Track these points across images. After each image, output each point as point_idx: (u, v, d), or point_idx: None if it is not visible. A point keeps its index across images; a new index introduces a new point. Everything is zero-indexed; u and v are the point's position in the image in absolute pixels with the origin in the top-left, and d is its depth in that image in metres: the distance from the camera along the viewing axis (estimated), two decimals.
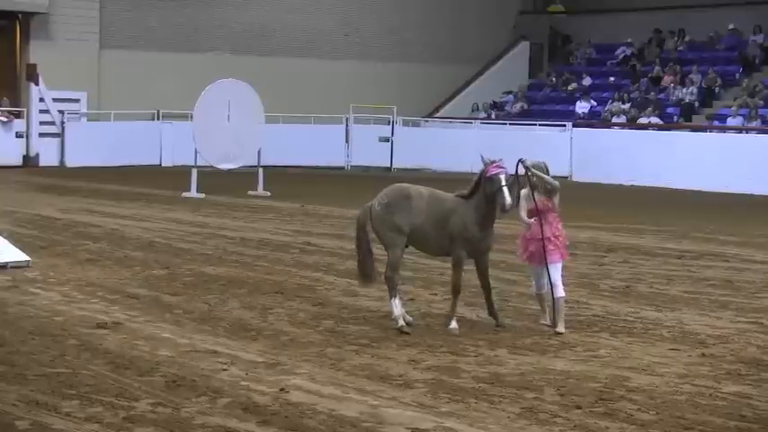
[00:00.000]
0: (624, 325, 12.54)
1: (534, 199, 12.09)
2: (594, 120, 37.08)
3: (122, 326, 11.93)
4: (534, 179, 12.11)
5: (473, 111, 40.18)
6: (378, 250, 12.61)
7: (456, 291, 12.18)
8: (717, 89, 36.49)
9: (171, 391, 9.34)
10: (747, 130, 33.51)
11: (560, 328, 12.06)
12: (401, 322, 12.02)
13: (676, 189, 31.23)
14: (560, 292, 12.20)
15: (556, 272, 12.20)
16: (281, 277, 15.31)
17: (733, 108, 34.24)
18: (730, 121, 33.99)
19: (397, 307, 12.09)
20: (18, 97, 35.29)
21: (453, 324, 11.99)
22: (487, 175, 11.90)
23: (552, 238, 12.13)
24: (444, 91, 41.18)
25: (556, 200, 12.22)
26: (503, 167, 11.95)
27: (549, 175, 12.28)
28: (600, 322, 12.68)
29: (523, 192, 12.24)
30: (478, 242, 12.09)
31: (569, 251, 13.08)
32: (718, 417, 8.95)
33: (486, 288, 12.32)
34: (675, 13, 39.72)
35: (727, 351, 11.29)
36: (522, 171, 12.13)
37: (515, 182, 12.01)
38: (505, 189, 11.75)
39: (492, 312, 12.40)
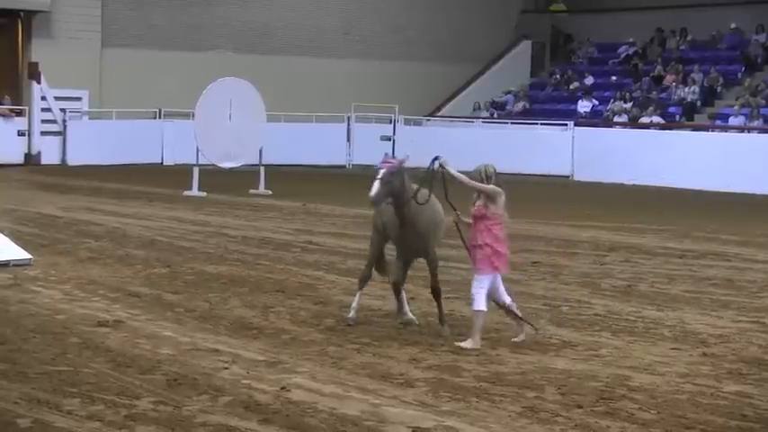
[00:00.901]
0: (625, 324, 12.54)
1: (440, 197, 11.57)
2: (596, 119, 37.09)
3: (124, 324, 11.93)
4: (446, 177, 11.43)
5: (475, 110, 40.18)
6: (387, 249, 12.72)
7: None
8: (719, 88, 36.51)
9: (172, 390, 9.34)
10: (749, 130, 33.52)
11: (467, 343, 11.15)
12: (352, 314, 12.21)
13: (678, 188, 31.24)
14: (477, 305, 11.25)
15: (476, 283, 11.32)
16: (283, 276, 15.31)
17: (735, 107, 34.25)
18: (732, 121, 33.99)
19: (355, 301, 12.31)
20: (20, 95, 35.32)
21: (446, 329, 11.82)
22: None
23: (484, 246, 11.26)
24: (446, 90, 41.19)
25: (493, 207, 11.24)
26: (390, 162, 11.55)
27: (493, 179, 11.31)
28: (601, 321, 12.68)
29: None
30: (398, 245, 11.85)
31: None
32: (720, 416, 8.94)
33: (432, 292, 11.93)
34: (677, 12, 39.74)
35: (728, 350, 11.29)
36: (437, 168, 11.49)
37: (430, 177, 11.48)
38: (376, 182, 11.33)
39: (440, 319, 11.91)
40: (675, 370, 10.40)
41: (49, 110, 35.00)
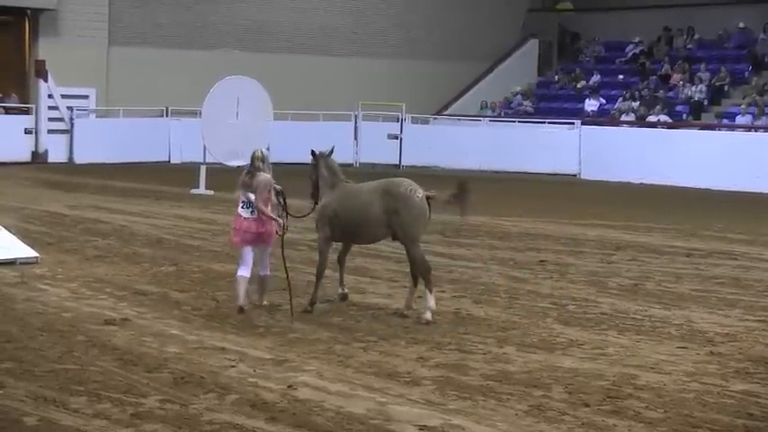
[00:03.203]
0: (632, 323, 12.53)
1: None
2: (603, 118, 37.03)
3: (130, 322, 11.94)
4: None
5: (482, 108, 40.17)
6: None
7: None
8: (726, 87, 36.43)
9: (179, 388, 9.35)
10: (756, 129, 33.45)
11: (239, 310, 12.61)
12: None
13: (685, 187, 31.17)
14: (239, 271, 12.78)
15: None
16: (290, 274, 15.27)
17: (742, 106, 34.19)
18: (739, 120, 33.92)
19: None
20: (27, 94, 35.33)
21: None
22: None
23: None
24: (453, 89, 41.14)
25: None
26: None
27: (258, 164, 13.75)
28: (608, 320, 12.67)
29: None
30: None
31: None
32: (726, 415, 8.93)
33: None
34: (684, 10, 39.66)
35: (735, 349, 11.28)
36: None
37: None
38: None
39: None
40: (682, 369, 10.39)
41: (55, 108, 34.96)
